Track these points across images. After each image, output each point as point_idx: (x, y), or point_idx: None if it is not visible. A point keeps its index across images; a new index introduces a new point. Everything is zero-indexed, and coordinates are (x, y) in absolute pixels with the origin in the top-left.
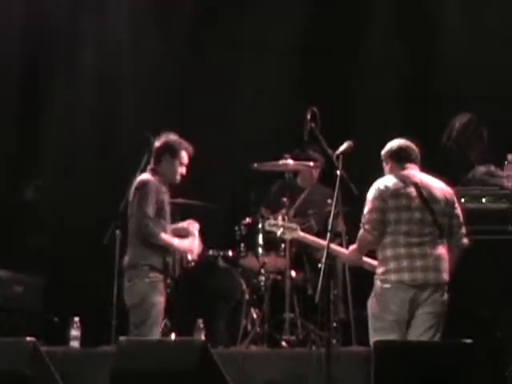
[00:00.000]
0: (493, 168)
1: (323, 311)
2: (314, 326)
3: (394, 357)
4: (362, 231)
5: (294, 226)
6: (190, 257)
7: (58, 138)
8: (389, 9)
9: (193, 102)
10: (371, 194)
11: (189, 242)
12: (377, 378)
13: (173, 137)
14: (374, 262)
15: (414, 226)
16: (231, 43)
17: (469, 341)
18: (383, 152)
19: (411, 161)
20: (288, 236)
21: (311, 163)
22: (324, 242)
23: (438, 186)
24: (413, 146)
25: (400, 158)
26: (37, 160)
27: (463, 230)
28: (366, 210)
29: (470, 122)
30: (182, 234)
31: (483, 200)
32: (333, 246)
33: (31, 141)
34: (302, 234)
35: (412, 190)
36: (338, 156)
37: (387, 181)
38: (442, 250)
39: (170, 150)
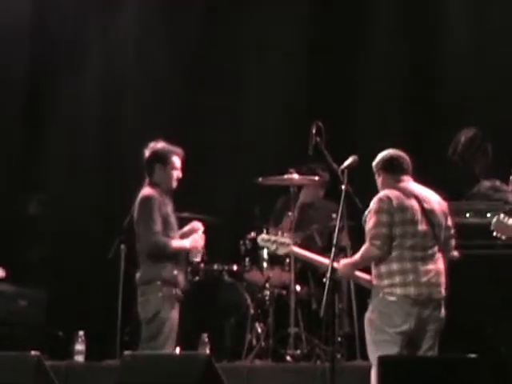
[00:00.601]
0: (498, 183)
1: (328, 325)
2: (318, 340)
3: (399, 372)
4: (368, 245)
5: (287, 241)
6: (191, 257)
7: (62, 146)
8: (390, 10)
9: (197, 111)
10: (376, 208)
11: (190, 241)
12: None
13: (160, 144)
14: (367, 277)
15: (419, 240)
16: (236, 47)
17: (473, 356)
18: (375, 163)
19: (404, 170)
20: (281, 252)
21: (316, 178)
22: (317, 257)
23: (434, 199)
24: (404, 155)
25: (392, 167)
26: (40, 168)
27: (453, 242)
28: (371, 224)
29: (475, 136)
30: (187, 235)
31: (488, 215)
32: (324, 260)
33: (34, 149)
34: (294, 249)
35: (414, 203)
36: (342, 170)
37: (390, 194)
38: (441, 265)
39: (160, 158)
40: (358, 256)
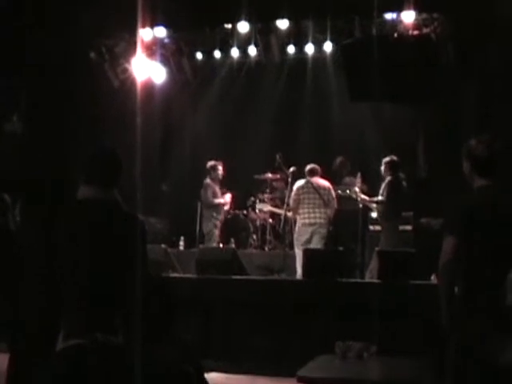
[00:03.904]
0: (353, 178)
1: (283, 236)
2: (279, 242)
3: (315, 257)
4: (291, 204)
5: (267, 205)
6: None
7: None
8: None
9: (231, 144)
10: (294, 188)
11: (224, 199)
12: (305, 269)
13: (213, 161)
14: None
15: (312, 201)
16: (249, 111)
17: (340, 249)
18: (305, 170)
19: (316, 173)
20: (266, 208)
21: (278, 176)
22: (279, 210)
23: (324, 183)
24: (316, 166)
25: (310, 172)
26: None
27: (333, 201)
28: (292, 195)
29: (343, 162)
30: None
31: (347, 191)
32: (281, 210)
33: (167, 158)
34: (269, 207)
35: (311, 186)
36: (290, 173)
37: (302, 182)
38: (322, 210)
39: (213, 168)
40: (290, 208)
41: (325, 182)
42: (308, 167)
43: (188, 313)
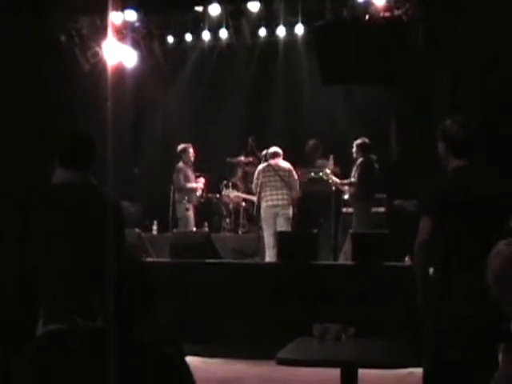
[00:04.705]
0: (325, 161)
1: (256, 219)
2: (251, 224)
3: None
4: (253, 188)
5: (234, 191)
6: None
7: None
8: None
9: (202, 129)
10: (256, 172)
11: (197, 184)
12: (280, 252)
13: (183, 144)
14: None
15: (273, 183)
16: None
17: (314, 232)
18: (267, 153)
19: (278, 156)
20: (232, 195)
21: (251, 159)
22: (248, 196)
23: (284, 165)
24: (279, 149)
25: (272, 155)
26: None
27: (296, 183)
28: (253, 179)
29: (316, 144)
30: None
31: (320, 174)
32: (252, 197)
33: (139, 142)
34: (238, 193)
35: (271, 168)
36: (262, 156)
37: (264, 165)
38: (284, 192)
39: (183, 151)
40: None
41: (285, 164)
42: (270, 150)
43: (163, 297)
